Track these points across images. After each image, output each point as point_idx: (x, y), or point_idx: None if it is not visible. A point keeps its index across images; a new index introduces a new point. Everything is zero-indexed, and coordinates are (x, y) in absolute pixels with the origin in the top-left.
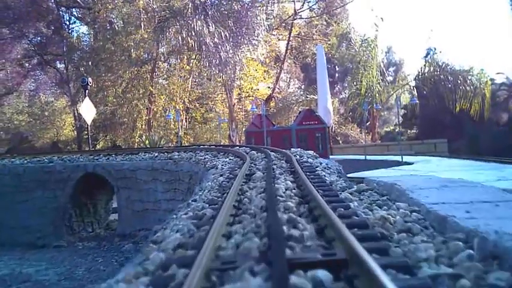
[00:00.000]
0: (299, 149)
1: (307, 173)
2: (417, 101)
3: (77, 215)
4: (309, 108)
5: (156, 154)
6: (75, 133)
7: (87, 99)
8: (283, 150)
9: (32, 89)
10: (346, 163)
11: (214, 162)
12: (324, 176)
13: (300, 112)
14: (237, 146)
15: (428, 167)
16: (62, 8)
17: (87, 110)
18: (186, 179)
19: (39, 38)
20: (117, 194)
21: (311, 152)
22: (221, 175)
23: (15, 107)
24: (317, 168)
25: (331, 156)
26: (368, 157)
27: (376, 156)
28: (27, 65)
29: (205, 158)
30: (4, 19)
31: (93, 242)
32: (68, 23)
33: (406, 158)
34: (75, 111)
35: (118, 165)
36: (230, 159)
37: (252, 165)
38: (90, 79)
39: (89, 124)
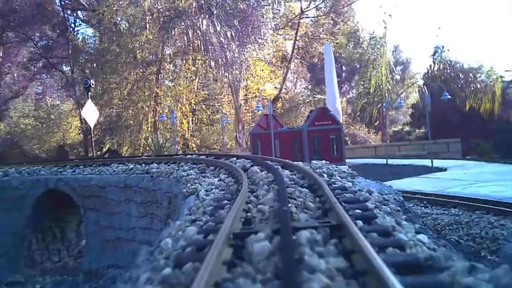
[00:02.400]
0: (323, 161)
1: (367, 230)
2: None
3: (38, 241)
4: (322, 106)
5: (131, 166)
6: (81, 136)
7: (89, 101)
8: (301, 164)
9: (38, 93)
10: (367, 169)
11: (197, 185)
12: (399, 233)
13: (311, 111)
14: (235, 156)
15: (472, 176)
16: (67, 10)
17: (90, 113)
18: (165, 202)
19: (44, 41)
20: (84, 216)
21: (344, 168)
22: (193, 221)
23: (22, 111)
24: (374, 211)
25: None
26: (389, 160)
27: (397, 159)
28: (33, 68)
29: (188, 175)
30: (10, 23)
31: (59, 275)
32: (73, 25)
33: (436, 162)
34: (81, 114)
35: (85, 180)
36: (220, 180)
37: (252, 198)
38: (92, 81)
39: (92, 127)
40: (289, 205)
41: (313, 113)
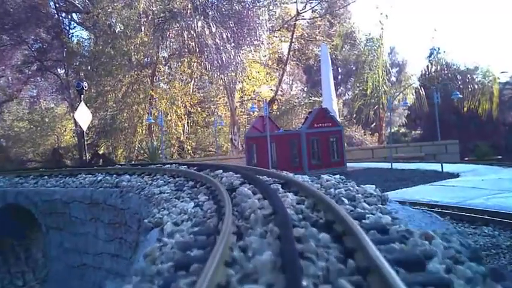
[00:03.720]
0: (336, 176)
1: None
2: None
3: None
4: (321, 107)
5: (99, 177)
6: (76, 139)
7: (82, 104)
8: (307, 180)
9: (32, 96)
10: (371, 174)
11: (165, 212)
12: None
13: (310, 112)
14: (221, 168)
15: (492, 183)
16: (62, 13)
17: (83, 116)
18: (135, 225)
19: (39, 44)
20: (46, 237)
21: (370, 189)
22: None
23: (16, 114)
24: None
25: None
26: (394, 164)
27: (402, 163)
28: (27, 71)
29: (161, 193)
30: (4, 25)
31: None
32: (68, 28)
33: (446, 167)
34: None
35: (47, 194)
36: (197, 205)
37: (237, 253)
38: (86, 83)
39: (85, 130)
40: (304, 283)
41: (312, 114)
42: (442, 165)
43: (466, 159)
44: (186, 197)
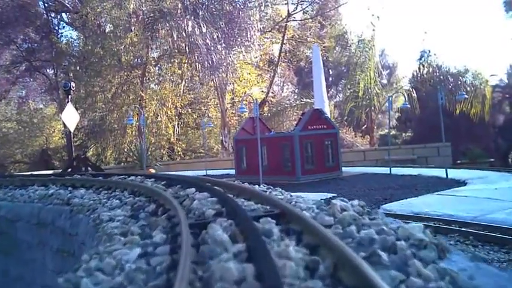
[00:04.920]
0: (356, 202)
1: None
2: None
3: None
4: (316, 108)
5: (52, 190)
6: (65, 141)
7: (69, 104)
8: (314, 212)
9: (21, 96)
10: (369, 180)
11: (94, 263)
12: None
13: (303, 113)
14: (194, 186)
15: (507, 193)
16: (51, 13)
17: (70, 117)
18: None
19: (28, 44)
20: None
21: (415, 230)
22: None
23: (4, 115)
24: None
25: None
26: (393, 170)
27: (401, 167)
28: (15, 71)
29: (110, 220)
30: None
31: None
32: (57, 28)
33: (451, 173)
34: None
35: None
36: (144, 256)
37: None
38: (73, 84)
39: (72, 131)
40: None
41: (305, 116)
42: (446, 171)
43: (458, 162)
44: (137, 233)
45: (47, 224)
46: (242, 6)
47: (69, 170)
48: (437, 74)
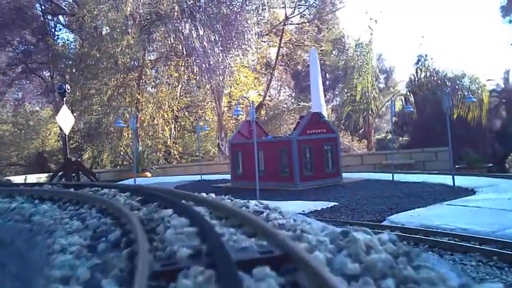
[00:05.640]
0: (386, 236)
1: None
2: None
3: None
4: (315, 111)
5: (15, 203)
6: (61, 143)
7: (64, 107)
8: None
9: (17, 98)
10: (372, 188)
11: None
12: None
13: (301, 117)
14: (173, 207)
15: None
16: (48, 15)
17: (65, 119)
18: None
19: (24, 46)
20: None
21: None
22: None
23: None
24: None
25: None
26: (396, 176)
27: (403, 174)
28: (11, 73)
29: (62, 251)
30: None
31: None
32: (53, 30)
33: (458, 180)
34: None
35: None
36: None
37: None
38: (68, 86)
39: (67, 134)
40: None
41: (304, 119)
42: (453, 178)
43: (457, 166)
44: (82, 281)
45: (6, 244)
46: (239, 10)
47: (60, 173)
48: (435, 78)
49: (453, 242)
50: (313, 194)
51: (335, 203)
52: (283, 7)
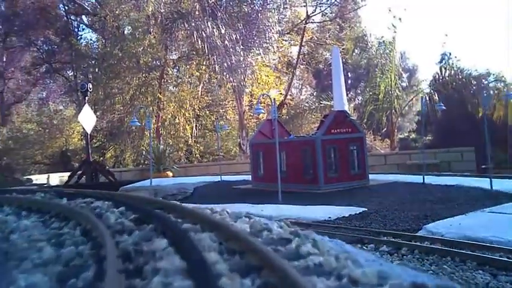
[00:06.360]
0: None
1: None
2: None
3: None
4: (340, 110)
5: (0, 214)
6: (84, 142)
7: (86, 106)
8: None
9: (41, 98)
10: (400, 191)
11: None
12: None
13: (325, 116)
14: (164, 233)
15: None
16: (71, 15)
17: (87, 118)
18: None
19: (48, 46)
20: None
21: None
22: None
23: (24, 116)
24: None
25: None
26: (427, 178)
27: (434, 176)
28: (36, 73)
29: None
30: (13, 27)
31: None
32: (76, 30)
33: (495, 183)
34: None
35: None
36: None
37: None
38: (90, 85)
39: (89, 133)
40: None
41: (328, 118)
42: (491, 182)
43: (483, 167)
44: None
45: None
46: (260, 8)
47: (79, 173)
48: (459, 77)
49: (508, 259)
50: (339, 198)
51: (364, 209)
52: (304, 5)
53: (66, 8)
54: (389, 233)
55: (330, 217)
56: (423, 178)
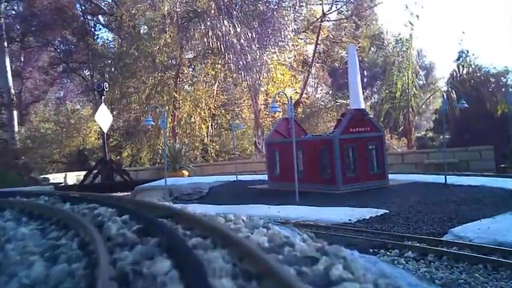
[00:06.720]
0: None
1: None
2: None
3: None
4: (358, 108)
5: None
6: (101, 141)
7: (103, 105)
8: None
9: (58, 97)
10: (421, 191)
11: None
12: None
13: (343, 114)
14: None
15: None
16: (88, 15)
17: (103, 117)
18: None
19: (65, 46)
20: None
21: None
22: None
23: (42, 115)
24: None
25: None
26: (448, 178)
27: (456, 176)
28: (53, 72)
29: None
30: (31, 27)
31: None
32: (93, 30)
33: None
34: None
35: None
36: None
37: None
38: (106, 84)
39: (105, 132)
40: None
41: (346, 117)
42: None
43: (502, 166)
44: None
45: None
46: (276, 6)
47: (94, 172)
48: (478, 74)
49: None
50: (358, 199)
51: (385, 210)
52: (320, 4)
53: (83, 8)
54: (413, 237)
55: (349, 219)
56: (445, 178)
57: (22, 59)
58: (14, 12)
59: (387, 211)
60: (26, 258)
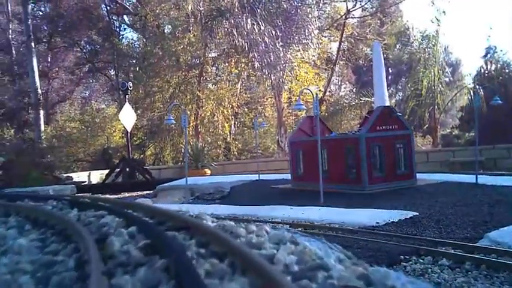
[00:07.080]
0: None
1: None
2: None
3: None
4: (386, 105)
5: (2, 227)
6: (125, 140)
7: (127, 104)
8: None
9: (84, 97)
10: (452, 192)
11: None
12: None
13: (370, 112)
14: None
15: None
16: (113, 15)
17: (127, 116)
18: None
19: (90, 46)
20: None
21: None
22: None
23: (68, 115)
24: None
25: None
26: (479, 178)
27: (487, 176)
28: (79, 72)
29: None
30: (57, 28)
31: None
32: (118, 30)
33: None
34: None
35: None
36: None
37: None
38: (130, 83)
39: (129, 131)
40: None
41: (373, 115)
42: None
43: None
44: None
45: None
46: (300, 4)
47: (117, 171)
48: (506, 71)
49: None
50: (385, 200)
51: (414, 213)
52: (344, 1)
53: (108, 8)
54: (447, 243)
55: (377, 222)
56: (476, 178)
57: (49, 59)
58: (41, 13)
59: (417, 213)
60: (16, 279)
